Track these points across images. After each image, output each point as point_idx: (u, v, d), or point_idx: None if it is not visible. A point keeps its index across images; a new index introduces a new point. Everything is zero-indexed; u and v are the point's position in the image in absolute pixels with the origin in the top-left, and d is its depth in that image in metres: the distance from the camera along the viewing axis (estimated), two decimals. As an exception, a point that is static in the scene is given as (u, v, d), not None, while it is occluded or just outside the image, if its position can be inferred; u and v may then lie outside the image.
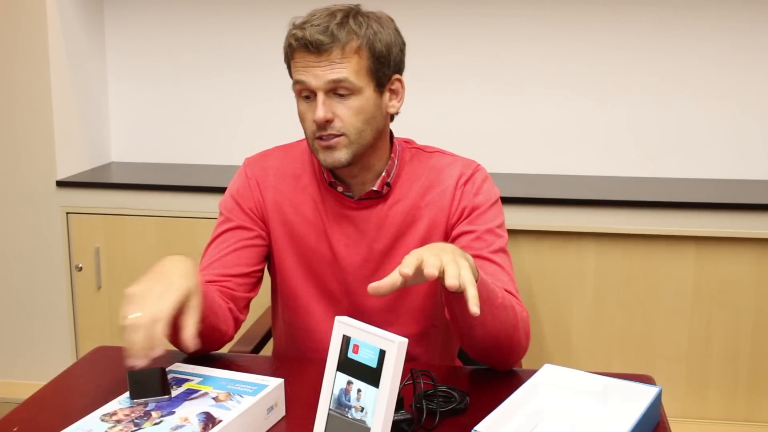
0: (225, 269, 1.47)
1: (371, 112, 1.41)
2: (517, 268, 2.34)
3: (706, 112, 2.61)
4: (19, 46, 2.55)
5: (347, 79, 1.37)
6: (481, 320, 1.24)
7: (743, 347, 2.34)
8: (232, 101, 2.82)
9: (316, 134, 1.40)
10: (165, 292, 1.18)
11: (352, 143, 1.40)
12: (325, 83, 1.37)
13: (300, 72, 1.39)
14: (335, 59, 1.36)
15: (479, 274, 1.21)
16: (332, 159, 1.40)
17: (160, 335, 1.13)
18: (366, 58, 1.39)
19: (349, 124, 1.39)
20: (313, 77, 1.37)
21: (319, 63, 1.37)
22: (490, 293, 1.26)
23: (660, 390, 1.20)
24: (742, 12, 2.54)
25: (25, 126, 2.59)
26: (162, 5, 2.80)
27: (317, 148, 1.42)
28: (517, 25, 2.64)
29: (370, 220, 1.49)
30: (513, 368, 1.39)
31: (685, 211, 2.31)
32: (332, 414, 1.07)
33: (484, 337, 1.30)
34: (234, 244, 1.50)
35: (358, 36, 1.37)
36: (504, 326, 1.30)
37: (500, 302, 1.28)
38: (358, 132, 1.40)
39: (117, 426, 1.10)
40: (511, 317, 1.31)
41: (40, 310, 2.67)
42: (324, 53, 1.36)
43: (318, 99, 1.38)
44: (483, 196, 1.49)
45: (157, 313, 1.15)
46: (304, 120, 1.42)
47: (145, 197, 2.54)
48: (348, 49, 1.37)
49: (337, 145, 1.40)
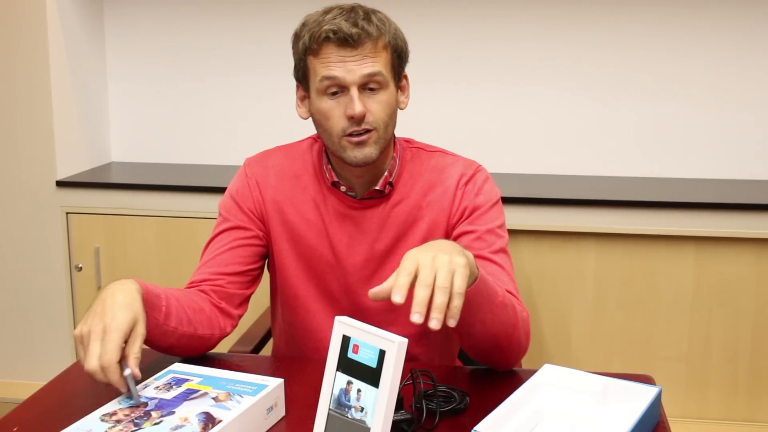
0: (219, 267, 1.47)
1: (394, 107, 1.43)
2: (517, 268, 2.35)
3: (706, 112, 2.61)
4: (19, 46, 2.55)
5: (381, 72, 1.38)
6: (481, 318, 1.25)
7: (743, 347, 2.34)
8: (232, 101, 2.82)
9: (346, 131, 1.39)
10: (108, 331, 1.18)
11: (380, 138, 1.41)
12: (360, 77, 1.37)
13: (331, 67, 1.37)
14: (368, 53, 1.37)
15: (479, 271, 1.20)
16: (363, 155, 1.40)
17: (116, 378, 1.16)
18: (391, 53, 1.41)
19: (379, 119, 1.40)
20: (347, 72, 1.37)
21: (353, 57, 1.36)
22: (490, 291, 1.25)
23: (660, 390, 1.20)
24: (742, 12, 2.54)
25: (25, 126, 2.59)
26: (162, 5, 2.80)
27: (345, 146, 1.40)
28: (517, 24, 2.64)
29: (372, 219, 1.49)
30: (513, 368, 1.39)
31: (685, 211, 2.31)
32: (332, 414, 1.07)
33: (484, 335, 1.29)
34: (229, 243, 1.50)
35: (385, 31, 1.39)
36: (504, 325, 1.30)
37: (500, 301, 1.28)
38: (385, 126, 1.41)
39: (117, 426, 1.09)
40: (511, 316, 1.31)
41: (40, 310, 2.67)
42: (359, 47, 1.36)
43: (353, 94, 1.37)
44: (484, 196, 1.49)
45: (105, 362, 1.16)
46: (331, 117, 1.40)
47: (145, 197, 2.54)
48: (380, 43, 1.38)
49: (368, 141, 1.39)
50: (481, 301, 1.22)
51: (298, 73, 1.46)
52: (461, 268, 1.10)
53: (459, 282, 1.08)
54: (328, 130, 1.41)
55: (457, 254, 1.12)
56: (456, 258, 1.10)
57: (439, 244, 1.17)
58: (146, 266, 2.55)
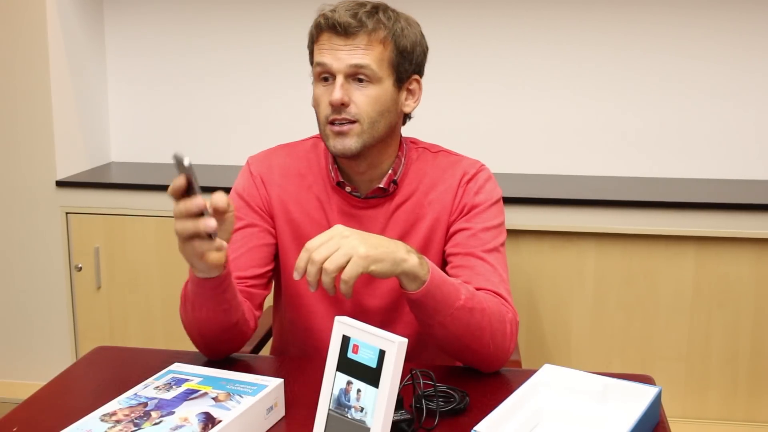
0: (240, 271, 1.47)
1: (387, 104, 1.42)
2: (517, 268, 2.36)
3: (706, 112, 2.61)
4: (19, 46, 2.55)
5: (368, 66, 1.38)
6: (439, 321, 1.28)
7: (743, 347, 2.34)
8: (232, 101, 2.82)
9: (329, 118, 1.40)
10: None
11: (363, 132, 1.40)
12: (347, 66, 1.38)
13: (323, 54, 1.39)
14: (360, 45, 1.38)
15: (433, 275, 1.24)
16: (342, 146, 1.40)
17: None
18: (390, 50, 1.41)
19: (363, 112, 1.40)
20: (335, 60, 1.38)
21: (343, 46, 1.38)
22: (447, 296, 1.27)
23: (660, 390, 1.20)
24: (742, 12, 2.54)
25: (25, 126, 2.59)
26: (162, 5, 2.80)
27: (328, 134, 1.41)
28: (517, 25, 2.64)
29: (376, 218, 1.49)
30: (501, 370, 1.38)
31: (685, 211, 2.31)
32: (332, 414, 1.07)
33: (445, 337, 1.32)
34: (246, 244, 1.49)
35: (385, 27, 1.40)
36: (469, 328, 1.31)
37: (461, 305, 1.29)
38: (371, 121, 1.41)
39: (116, 426, 1.09)
40: (477, 320, 1.31)
41: (40, 310, 2.67)
42: (350, 37, 1.38)
43: (336, 81, 1.38)
44: (484, 195, 1.49)
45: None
46: (319, 104, 1.42)
47: (144, 197, 2.54)
48: (374, 37, 1.39)
49: (349, 132, 1.40)
50: (434, 305, 1.27)
51: (310, 59, 1.47)
52: (358, 258, 1.16)
53: (347, 270, 1.16)
54: (318, 116, 1.43)
55: (371, 248, 1.18)
56: (360, 249, 1.17)
57: (376, 237, 1.23)
58: (146, 266, 2.55)
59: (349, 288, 1.17)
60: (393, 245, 1.23)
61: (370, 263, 1.18)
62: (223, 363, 1.39)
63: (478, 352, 1.34)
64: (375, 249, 1.19)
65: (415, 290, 1.25)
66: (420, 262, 1.24)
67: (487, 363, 1.37)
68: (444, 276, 1.30)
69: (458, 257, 1.45)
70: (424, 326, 1.32)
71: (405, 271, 1.23)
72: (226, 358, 1.43)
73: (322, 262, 1.16)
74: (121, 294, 2.59)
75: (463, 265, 1.44)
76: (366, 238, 1.21)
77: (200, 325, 1.35)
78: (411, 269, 1.23)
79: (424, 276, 1.24)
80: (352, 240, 1.19)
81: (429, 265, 1.26)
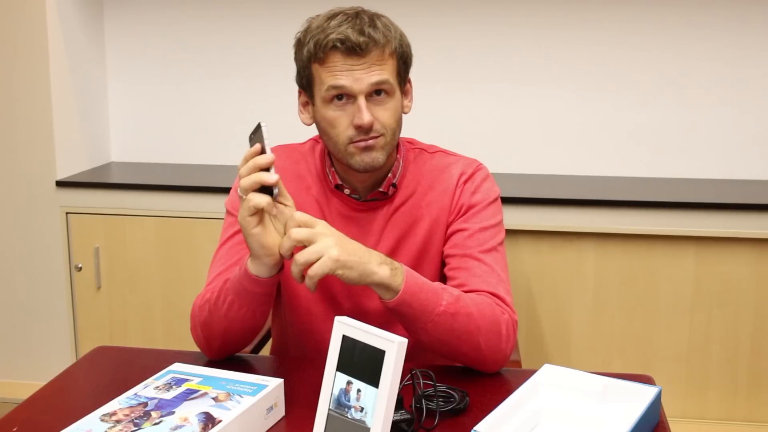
0: None
1: (400, 112, 1.43)
2: (517, 268, 2.36)
3: (706, 112, 2.61)
4: (19, 46, 2.55)
5: (388, 81, 1.38)
6: (421, 327, 1.30)
7: (743, 347, 2.34)
8: (232, 101, 2.82)
9: (353, 139, 1.38)
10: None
11: (387, 144, 1.40)
12: (368, 86, 1.36)
13: (338, 76, 1.36)
14: (375, 61, 1.36)
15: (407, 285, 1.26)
16: (370, 159, 1.39)
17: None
18: (397, 60, 1.41)
19: (387, 126, 1.39)
20: (354, 81, 1.35)
21: (359, 66, 1.35)
22: (426, 302, 1.28)
23: (660, 390, 1.20)
24: (742, 12, 2.54)
25: (25, 126, 2.59)
26: (162, 5, 2.80)
27: (352, 152, 1.39)
28: (517, 24, 2.64)
29: (375, 221, 1.49)
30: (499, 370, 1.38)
31: (685, 211, 2.31)
32: (332, 414, 1.07)
33: (431, 342, 1.33)
34: (246, 247, 1.48)
35: (391, 38, 1.39)
36: (455, 332, 1.31)
37: (442, 310, 1.29)
38: (392, 133, 1.41)
39: (116, 426, 1.09)
40: (461, 324, 1.31)
41: (39, 310, 2.67)
42: (366, 55, 1.35)
43: (360, 103, 1.36)
44: (481, 194, 1.49)
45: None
46: (337, 126, 1.39)
47: (144, 197, 2.54)
48: (386, 50, 1.38)
49: (376, 146, 1.39)
50: (412, 313, 1.29)
51: (301, 80, 1.44)
52: (328, 259, 1.20)
53: (314, 266, 1.20)
54: (334, 138, 1.40)
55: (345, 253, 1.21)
56: (333, 251, 1.20)
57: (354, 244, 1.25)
58: (146, 266, 2.55)
59: (313, 283, 1.20)
60: (367, 256, 1.24)
61: (338, 267, 1.21)
62: (223, 363, 1.38)
63: (469, 354, 1.35)
64: (348, 255, 1.21)
65: (389, 300, 1.27)
66: (392, 273, 1.26)
67: (482, 364, 1.37)
68: (423, 283, 1.30)
69: (455, 259, 1.45)
70: (408, 332, 1.33)
71: (374, 282, 1.25)
72: (226, 358, 1.43)
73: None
74: (121, 294, 2.59)
75: (460, 267, 1.44)
76: (344, 242, 1.23)
77: (230, 324, 1.35)
78: (380, 281, 1.25)
79: (398, 287, 1.26)
80: (328, 240, 1.21)
81: (404, 275, 1.27)
